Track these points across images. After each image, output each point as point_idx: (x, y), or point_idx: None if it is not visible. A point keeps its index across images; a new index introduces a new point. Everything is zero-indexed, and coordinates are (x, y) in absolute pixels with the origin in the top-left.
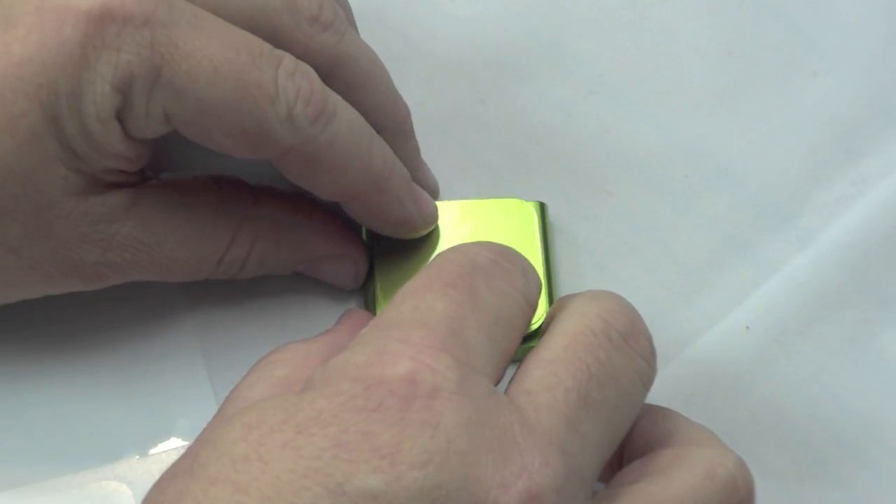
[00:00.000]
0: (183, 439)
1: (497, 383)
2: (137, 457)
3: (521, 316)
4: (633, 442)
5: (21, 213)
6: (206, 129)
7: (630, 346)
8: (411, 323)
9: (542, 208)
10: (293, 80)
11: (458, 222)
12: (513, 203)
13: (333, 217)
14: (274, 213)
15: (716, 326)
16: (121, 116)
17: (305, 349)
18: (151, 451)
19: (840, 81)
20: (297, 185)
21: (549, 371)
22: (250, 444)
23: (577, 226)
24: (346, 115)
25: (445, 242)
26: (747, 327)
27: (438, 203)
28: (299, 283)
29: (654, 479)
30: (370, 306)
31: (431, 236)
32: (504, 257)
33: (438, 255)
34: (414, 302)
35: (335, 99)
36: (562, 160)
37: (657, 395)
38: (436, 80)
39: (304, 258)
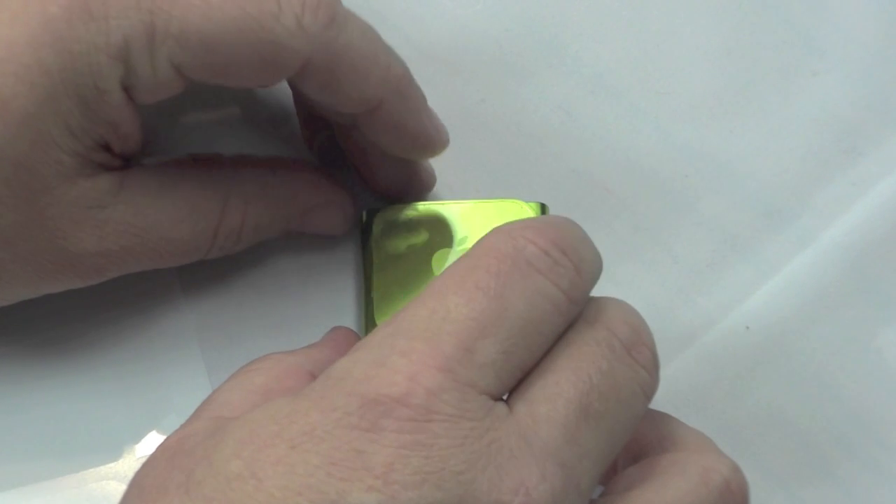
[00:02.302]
0: None
1: (503, 394)
2: (137, 457)
3: (555, 320)
4: (628, 446)
5: (14, 199)
6: (219, 67)
7: (633, 357)
8: (421, 333)
9: (543, 210)
10: None
11: (458, 224)
12: (513, 204)
13: (313, 168)
14: (257, 176)
15: (716, 326)
16: (127, 83)
17: (286, 360)
18: (151, 452)
19: (840, 81)
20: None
21: (550, 381)
22: (244, 462)
23: None
24: (358, 22)
25: (444, 245)
26: (747, 327)
27: (438, 204)
28: (299, 281)
29: (648, 484)
30: (367, 307)
31: (430, 239)
32: (558, 248)
33: (486, 236)
34: (434, 305)
35: (345, 9)
36: (562, 160)
37: (657, 395)
38: (436, 79)
39: (295, 212)
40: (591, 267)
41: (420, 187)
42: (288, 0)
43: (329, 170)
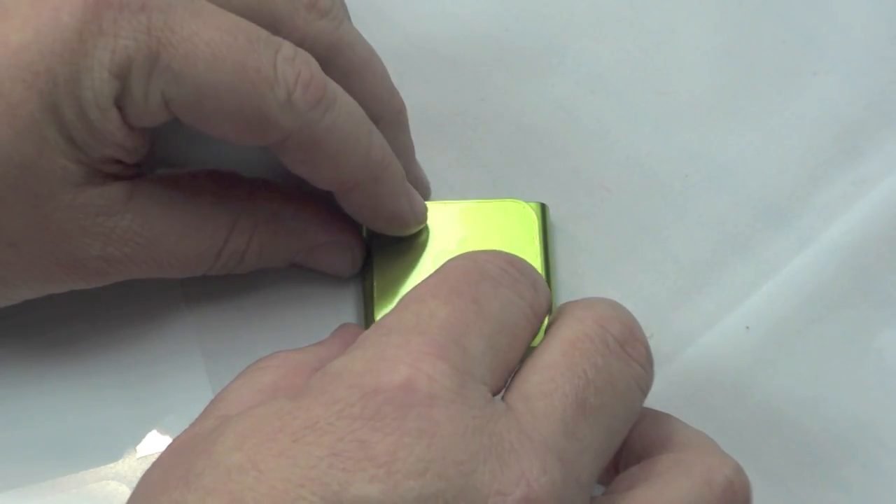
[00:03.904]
0: None
1: (498, 392)
2: (137, 457)
3: (526, 326)
4: (630, 446)
5: (20, 203)
6: (205, 114)
7: (627, 352)
8: (412, 329)
9: (543, 210)
10: (292, 65)
11: (458, 224)
12: (513, 204)
13: (328, 206)
14: (270, 204)
15: (716, 326)
16: (120, 103)
17: (294, 358)
18: (151, 452)
19: (840, 81)
20: (294, 176)
21: (546, 377)
22: (245, 454)
23: (577, 226)
24: (346, 103)
25: (445, 244)
26: (747, 327)
27: (438, 204)
28: (299, 285)
29: (651, 484)
30: (367, 309)
31: (430, 238)
32: (514, 267)
33: (448, 260)
34: (417, 308)
35: (334, 86)
36: (562, 160)
37: (657, 395)
38: (436, 78)
39: (302, 247)
40: (544, 288)
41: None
42: (284, 71)
43: (342, 211)
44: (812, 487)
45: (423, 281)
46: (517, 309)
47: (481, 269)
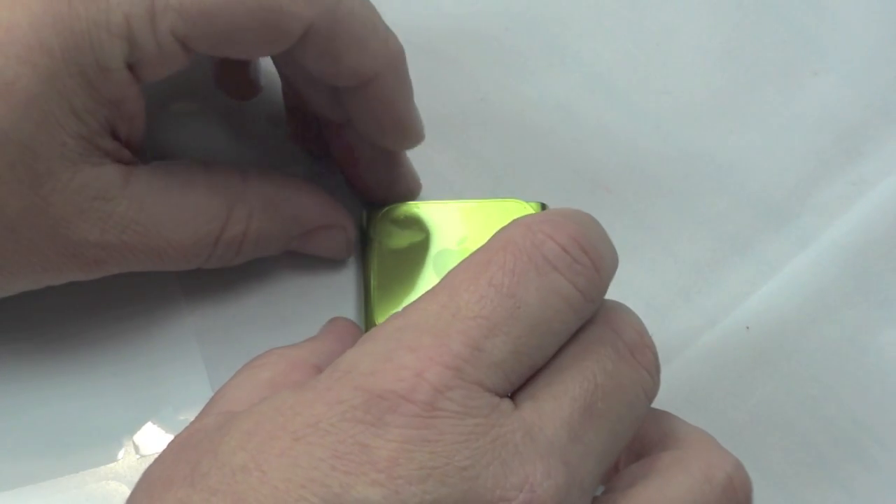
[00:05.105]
0: None
1: (511, 392)
2: (137, 457)
3: (569, 318)
4: (630, 444)
5: (19, 184)
6: (222, 35)
7: (636, 358)
8: (430, 327)
9: (543, 209)
10: None
11: (458, 224)
12: (514, 204)
13: (320, 190)
14: (264, 190)
15: (716, 326)
16: (132, 61)
17: (290, 354)
18: (151, 451)
19: (840, 81)
20: (287, 164)
21: (555, 379)
22: (249, 454)
23: None
24: None
25: (445, 244)
26: (747, 327)
27: (438, 204)
28: (299, 285)
29: (651, 482)
30: (367, 309)
31: (430, 238)
32: (578, 245)
33: (505, 227)
34: (445, 300)
35: None
36: (562, 160)
37: (657, 395)
38: (436, 78)
39: (298, 232)
40: (609, 265)
41: (405, 191)
42: None
43: (335, 196)
44: (812, 487)
45: (470, 257)
46: (562, 301)
47: (534, 251)
